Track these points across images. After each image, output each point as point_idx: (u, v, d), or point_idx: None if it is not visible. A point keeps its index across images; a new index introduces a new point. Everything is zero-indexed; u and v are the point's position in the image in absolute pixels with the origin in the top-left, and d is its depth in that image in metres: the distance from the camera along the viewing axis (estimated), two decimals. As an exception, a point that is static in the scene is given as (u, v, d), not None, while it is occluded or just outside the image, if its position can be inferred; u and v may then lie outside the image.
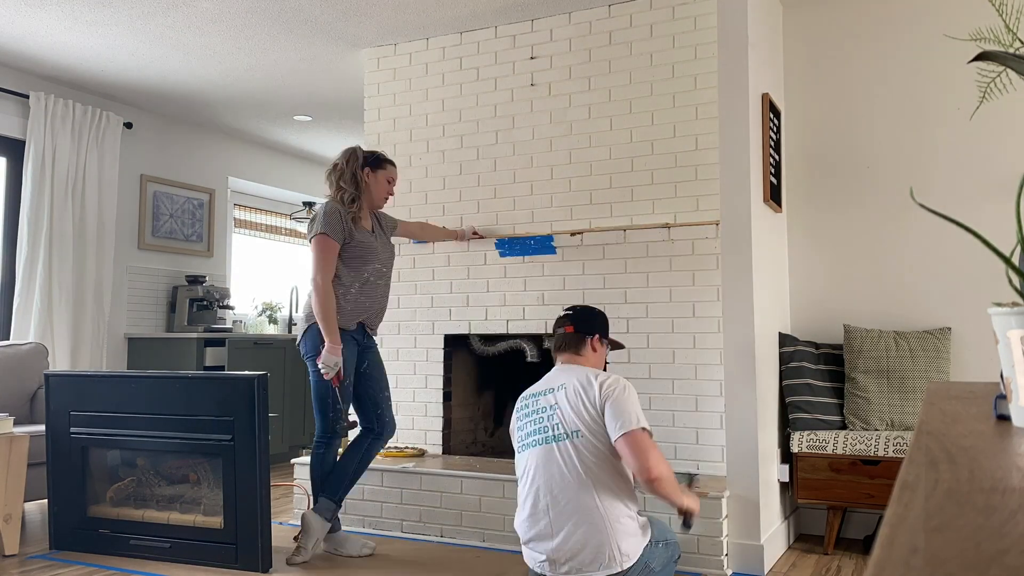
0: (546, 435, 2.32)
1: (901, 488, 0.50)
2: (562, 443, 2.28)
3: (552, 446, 2.29)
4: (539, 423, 2.35)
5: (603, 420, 2.26)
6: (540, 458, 2.31)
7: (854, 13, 3.73)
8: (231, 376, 3.04)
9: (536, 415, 2.37)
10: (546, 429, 2.32)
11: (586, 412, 2.28)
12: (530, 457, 2.34)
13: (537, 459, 2.31)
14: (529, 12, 3.88)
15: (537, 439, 2.33)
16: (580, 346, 2.48)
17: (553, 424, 2.31)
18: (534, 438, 2.35)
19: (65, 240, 4.82)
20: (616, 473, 2.25)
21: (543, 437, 2.32)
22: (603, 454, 2.25)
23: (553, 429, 2.30)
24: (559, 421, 2.30)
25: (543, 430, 2.33)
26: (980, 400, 0.99)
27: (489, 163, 4.01)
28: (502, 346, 3.98)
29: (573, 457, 2.25)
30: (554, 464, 2.27)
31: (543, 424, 2.33)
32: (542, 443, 2.32)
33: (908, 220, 3.59)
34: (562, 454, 2.26)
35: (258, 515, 2.98)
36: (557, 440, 2.29)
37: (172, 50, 4.44)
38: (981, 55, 0.94)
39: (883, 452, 3.13)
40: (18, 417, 4.07)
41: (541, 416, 2.36)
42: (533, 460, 2.33)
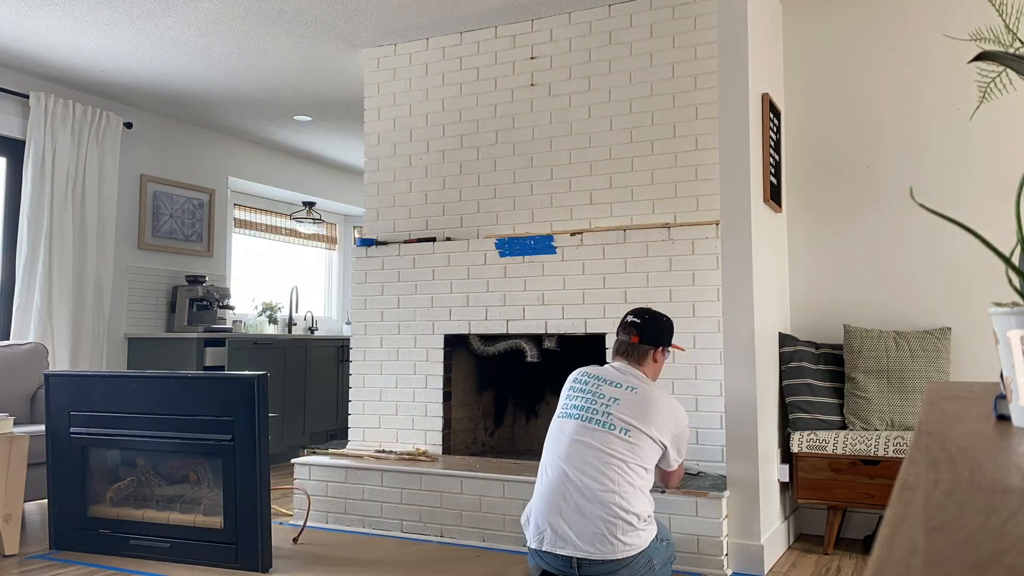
0: (595, 416, 2.34)
1: (901, 488, 0.50)
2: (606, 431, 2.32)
3: (595, 427, 2.33)
4: (593, 403, 2.37)
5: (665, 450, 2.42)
6: (575, 431, 2.35)
7: (854, 13, 3.73)
8: (231, 376, 3.04)
9: (592, 395, 2.40)
10: (596, 411, 2.35)
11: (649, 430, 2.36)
12: (569, 427, 2.37)
13: (573, 430, 2.35)
14: (529, 12, 3.88)
15: (584, 415, 2.36)
16: (642, 357, 2.51)
17: (607, 412, 2.35)
18: (581, 412, 2.37)
19: (65, 240, 4.82)
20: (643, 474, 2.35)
21: (590, 416, 2.35)
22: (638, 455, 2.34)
23: (605, 416, 2.34)
24: (613, 412, 2.35)
25: (594, 411, 2.36)
26: (980, 400, 0.99)
27: (489, 163, 4.01)
28: (502, 346, 3.98)
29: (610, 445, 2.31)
30: (587, 444, 2.31)
31: (596, 406, 2.36)
32: (586, 420, 2.35)
33: (908, 220, 3.59)
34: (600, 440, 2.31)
35: (258, 515, 2.98)
36: (603, 426, 2.32)
37: (172, 50, 4.44)
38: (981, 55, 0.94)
39: (883, 452, 3.13)
40: (18, 417, 4.07)
41: (597, 399, 2.38)
42: (568, 429, 2.37)
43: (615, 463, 2.28)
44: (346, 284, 7.58)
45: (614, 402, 2.36)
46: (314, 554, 3.26)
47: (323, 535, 3.57)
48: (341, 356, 6.11)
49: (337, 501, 3.72)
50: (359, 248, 4.23)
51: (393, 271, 4.14)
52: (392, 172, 4.23)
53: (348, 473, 3.71)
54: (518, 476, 3.37)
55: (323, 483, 3.76)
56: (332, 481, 3.74)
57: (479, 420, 4.31)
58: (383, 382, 4.11)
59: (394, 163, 4.24)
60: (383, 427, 4.10)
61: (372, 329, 4.16)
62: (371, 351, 4.15)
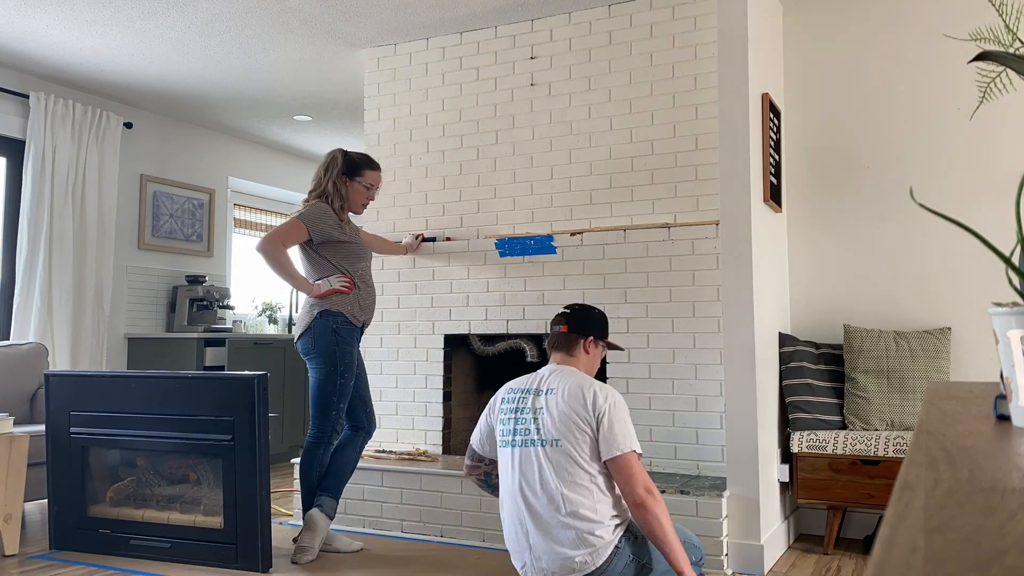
0: (526, 438, 2.29)
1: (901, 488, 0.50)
2: (539, 449, 2.25)
3: (530, 450, 2.27)
4: (521, 423, 2.32)
5: (595, 435, 2.23)
6: (518, 460, 2.29)
7: (854, 13, 3.73)
8: (231, 376, 3.04)
9: (518, 414, 2.34)
10: (527, 431, 2.29)
11: (573, 423, 2.24)
12: (510, 456, 2.32)
13: (516, 460, 2.30)
14: (529, 12, 3.88)
15: (517, 440, 2.31)
16: (572, 347, 2.44)
17: (536, 428, 2.28)
18: (513, 438, 2.32)
19: (65, 240, 4.82)
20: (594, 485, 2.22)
21: (523, 439, 2.30)
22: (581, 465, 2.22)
23: (535, 433, 2.27)
24: (540, 426, 2.27)
25: (524, 432, 2.30)
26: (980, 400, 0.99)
27: (489, 163, 4.01)
28: (502, 346, 3.98)
29: (548, 465, 2.23)
30: (530, 469, 2.26)
31: (524, 426, 2.31)
32: (520, 445, 2.30)
33: (908, 220, 3.59)
34: (538, 460, 2.24)
35: (258, 515, 2.98)
36: (534, 445, 2.26)
37: (172, 50, 4.44)
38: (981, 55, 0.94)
39: (883, 452, 3.13)
40: (18, 417, 4.07)
41: (524, 417, 2.32)
42: (512, 461, 2.32)
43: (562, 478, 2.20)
44: (346, 284, 7.57)
45: (540, 413, 2.29)
46: (314, 554, 3.25)
47: (323, 535, 3.57)
48: (341, 356, 6.10)
49: (337, 501, 3.72)
50: (359, 248, 4.22)
51: (393, 271, 4.14)
52: (392, 172, 4.23)
53: (348, 473, 3.71)
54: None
55: (323, 483, 3.75)
56: (332, 481, 3.73)
57: (479, 420, 4.31)
58: (383, 382, 4.11)
59: (394, 163, 4.24)
60: (383, 427, 4.10)
61: (372, 329, 4.16)
62: (371, 351, 4.15)
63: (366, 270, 3.38)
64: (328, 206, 3.28)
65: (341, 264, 3.28)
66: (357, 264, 3.33)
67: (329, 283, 3.24)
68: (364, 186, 3.36)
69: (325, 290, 3.22)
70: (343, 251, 3.29)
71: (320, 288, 3.23)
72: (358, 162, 3.36)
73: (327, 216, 3.25)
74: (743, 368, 3.12)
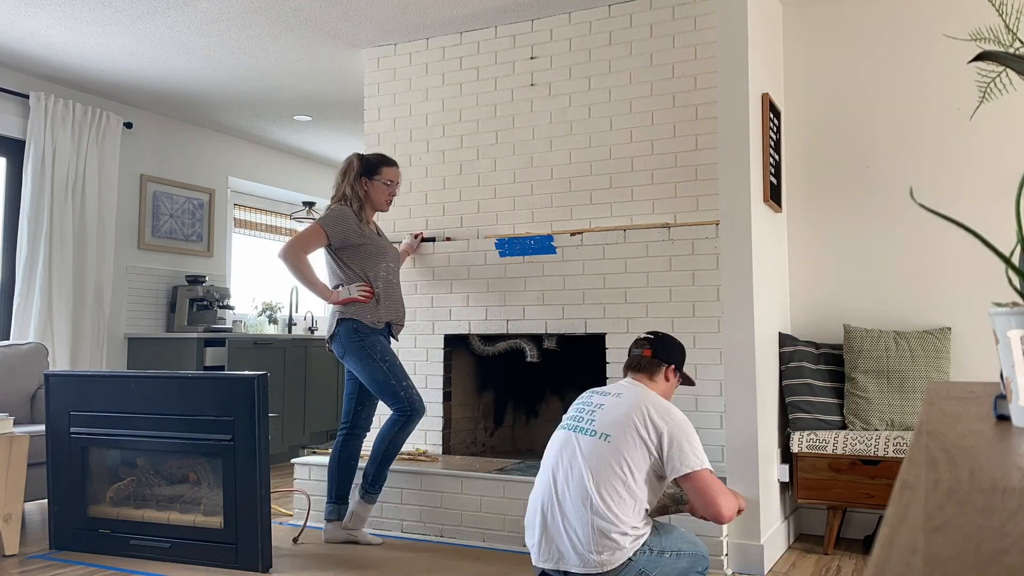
0: (579, 424, 2.35)
1: (901, 488, 0.50)
2: (586, 437, 2.29)
3: (577, 436, 2.32)
4: (581, 412, 2.39)
5: (656, 452, 2.25)
6: (563, 441, 2.35)
7: (854, 13, 3.73)
8: (231, 376, 3.04)
9: (584, 406, 2.41)
10: (581, 419, 2.36)
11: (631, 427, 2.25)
12: (558, 438, 2.38)
13: (560, 442, 2.36)
14: (529, 12, 3.88)
15: (571, 424, 2.38)
16: (654, 372, 2.47)
17: (590, 419, 2.33)
18: (569, 423, 2.39)
19: (65, 240, 4.82)
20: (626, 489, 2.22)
21: (575, 425, 2.36)
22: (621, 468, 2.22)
23: (588, 423, 2.33)
24: (596, 418, 2.32)
25: (579, 419, 2.37)
26: (980, 400, 0.99)
27: (489, 163, 4.01)
28: (502, 346, 3.98)
29: (586, 455, 2.26)
30: (569, 452, 2.30)
31: (583, 415, 2.37)
32: (571, 429, 2.35)
33: (908, 220, 3.59)
34: (580, 447, 2.29)
35: (258, 515, 2.98)
36: (583, 432, 2.31)
37: (172, 50, 4.44)
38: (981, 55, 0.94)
39: (883, 452, 3.13)
40: (18, 417, 4.07)
41: (586, 408, 2.39)
42: (557, 441, 2.38)
43: (595, 469, 2.22)
44: (346, 284, 7.57)
45: (599, 408, 2.34)
46: (314, 554, 3.26)
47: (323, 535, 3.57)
48: (341, 356, 6.10)
49: (337, 501, 3.72)
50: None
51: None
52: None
53: (348, 473, 3.71)
54: (518, 476, 3.37)
55: (323, 483, 3.75)
56: (332, 481, 3.73)
57: (479, 420, 4.31)
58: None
59: (394, 163, 4.23)
60: (383, 427, 4.09)
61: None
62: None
63: (390, 270, 3.44)
64: (348, 208, 3.37)
65: (362, 267, 3.36)
66: (378, 264, 3.39)
67: (348, 291, 3.32)
68: (384, 183, 3.46)
69: (343, 298, 3.31)
70: (363, 253, 3.37)
71: (339, 295, 3.32)
72: (374, 162, 3.47)
73: (346, 218, 3.34)
74: (743, 368, 3.12)
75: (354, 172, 3.43)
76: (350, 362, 3.35)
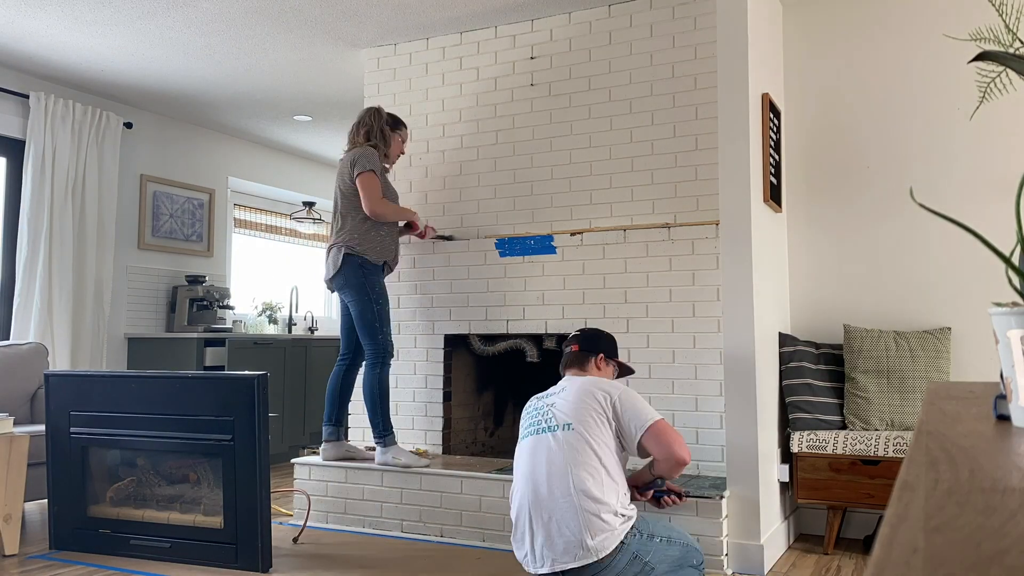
0: (539, 427, 2.45)
1: (901, 488, 0.50)
2: (552, 434, 2.39)
3: (544, 436, 2.41)
4: (535, 419, 2.49)
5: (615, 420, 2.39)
6: (530, 446, 2.44)
7: (854, 13, 3.73)
8: (231, 376, 3.04)
9: (535, 413, 2.52)
10: (540, 423, 2.46)
11: (585, 408, 2.39)
12: (525, 447, 2.47)
13: (528, 449, 2.45)
14: (529, 12, 3.88)
15: (531, 430, 2.48)
16: (584, 363, 2.64)
17: (547, 418, 2.45)
18: (528, 431, 2.49)
19: (65, 240, 4.82)
20: (603, 469, 2.32)
21: (536, 429, 2.46)
22: (592, 447, 2.34)
23: (547, 423, 2.44)
24: (552, 415, 2.44)
25: (537, 423, 2.47)
26: (980, 400, 0.99)
27: (489, 163, 4.01)
28: (502, 346, 3.98)
29: (559, 447, 2.35)
30: (541, 453, 2.39)
31: (538, 419, 2.48)
32: (535, 433, 2.46)
33: (908, 220, 3.59)
34: (550, 444, 2.38)
35: (258, 515, 2.98)
36: (549, 431, 2.41)
37: (172, 50, 4.44)
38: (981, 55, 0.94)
39: (883, 452, 3.13)
40: (18, 417, 4.07)
41: (538, 414, 2.50)
42: (525, 449, 2.47)
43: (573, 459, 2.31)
44: (346, 284, 7.57)
45: (552, 407, 2.46)
46: (314, 554, 3.26)
47: (323, 535, 3.57)
48: (341, 356, 6.10)
49: (337, 501, 3.72)
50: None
51: (393, 271, 4.14)
52: (392, 172, 4.23)
53: (348, 473, 3.71)
54: (518, 476, 3.37)
55: (323, 483, 3.76)
56: (332, 481, 3.74)
57: (479, 420, 4.31)
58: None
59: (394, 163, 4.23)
60: (383, 427, 4.09)
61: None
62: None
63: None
64: (375, 149, 3.63)
65: None
66: None
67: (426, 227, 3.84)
68: (401, 139, 3.80)
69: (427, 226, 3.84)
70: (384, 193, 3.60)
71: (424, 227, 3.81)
72: (397, 118, 3.81)
73: (377, 156, 3.60)
74: (743, 368, 3.12)
75: (383, 119, 3.69)
76: (347, 294, 3.57)
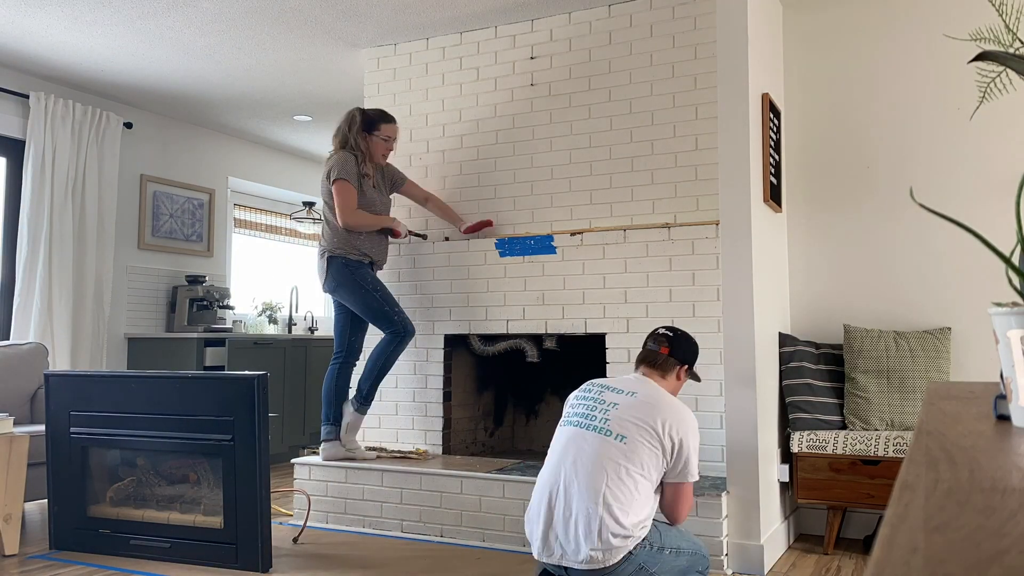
0: (592, 423, 2.34)
1: (901, 488, 0.50)
2: (602, 437, 2.29)
3: (592, 434, 2.31)
4: (592, 409, 2.38)
5: (667, 456, 2.29)
6: (571, 437, 2.34)
7: (854, 13, 3.73)
8: (231, 376, 3.04)
9: (594, 402, 2.40)
10: (594, 418, 2.35)
11: (644, 430, 2.28)
12: (566, 433, 2.38)
13: (568, 438, 2.35)
14: (529, 12, 3.88)
15: (582, 422, 2.36)
16: (667, 370, 2.49)
17: (605, 418, 2.33)
18: (579, 419, 2.38)
19: (65, 240, 4.82)
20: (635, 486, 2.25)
21: (588, 424, 2.35)
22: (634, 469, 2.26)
23: (602, 422, 2.32)
24: (611, 417, 2.32)
25: (591, 417, 2.35)
26: (980, 400, 0.99)
27: (489, 163, 4.01)
28: (502, 346, 3.98)
29: (604, 455, 2.26)
30: (586, 451, 2.29)
31: (595, 412, 2.36)
32: (584, 427, 2.35)
33: (908, 220, 3.59)
34: (596, 446, 2.28)
35: (258, 515, 2.98)
36: (598, 432, 2.31)
37: (172, 50, 4.44)
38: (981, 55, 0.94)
39: (883, 452, 3.13)
40: (18, 417, 4.07)
41: (597, 405, 2.38)
42: (564, 436, 2.37)
43: (608, 470, 2.23)
44: (346, 284, 7.57)
45: (613, 407, 2.34)
46: (314, 554, 3.26)
47: (323, 535, 3.57)
48: (341, 356, 6.10)
49: (337, 501, 3.72)
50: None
51: (393, 271, 4.15)
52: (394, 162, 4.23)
53: (348, 473, 3.71)
54: (518, 476, 3.37)
55: (323, 483, 3.76)
56: (332, 481, 3.74)
57: (479, 420, 4.31)
58: (383, 382, 4.11)
59: (394, 163, 4.23)
60: (383, 427, 4.10)
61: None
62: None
63: None
64: (351, 155, 3.65)
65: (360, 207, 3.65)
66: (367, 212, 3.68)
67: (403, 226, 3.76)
68: (382, 139, 3.73)
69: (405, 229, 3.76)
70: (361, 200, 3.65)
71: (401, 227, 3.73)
72: (374, 118, 3.73)
73: (352, 163, 3.62)
74: (743, 368, 3.12)
75: (357, 126, 3.68)
76: (343, 294, 3.63)
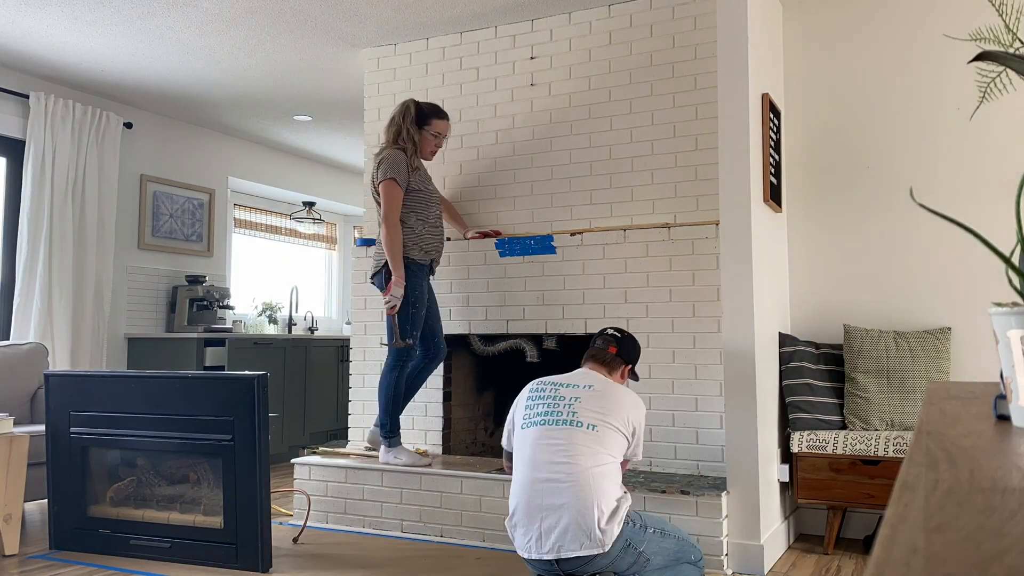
0: (559, 417, 2.41)
1: (901, 488, 0.50)
2: (572, 428, 2.38)
3: (562, 429, 2.39)
4: (554, 406, 2.45)
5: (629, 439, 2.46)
6: (544, 435, 2.40)
7: (854, 13, 3.73)
8: (231, 376, 3.04)
9: (553, 399, 2.47)
10: (559, 412, 2.42)
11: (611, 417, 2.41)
12: (533, 434, 2.43)
13: (540, 435, 2.41)
14: (529, 12, 3.88)
15: (547, 419, 2.43)
16: (613, 368, 2.64)
17: (572, 410, 2.42)
18: (543, 418, 2.44)
19: (65, 240, 4.82)
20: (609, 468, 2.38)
21: (554, 419, 2.42)
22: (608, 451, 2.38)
23: (569, 415, 2.41)
24: (578, 410, 2.42)
25: (556, 412, 2.43)
26: (980, 400, 0.99)
27: (489, 163, 4.01)
28: (502, 346, 3.98)
29: (581, 443, 2.35)
30: (559, 442, 2.37)
31: (558, 407, 2.44)
32: (549, 424, 2.41)
33: (908, 220, 3.59)
34: (571, 439, 2.36)
35: (258, 515, 2.98)
36: (569, 424, 2.39)
37: (172, 50, 4.44)
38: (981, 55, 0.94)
39: (883, 452, 3.13)
40: (18, 417, 4.07)
41: (559, 401, 2.46)
42: (535, 436, 2.42)
43: (582, 456, 2.33)
44: (346, 284, 7.58)
45: (576, 401, 2.44)
46: (314, 554, 3.26)
47: (323, 535, 3.57)
48: (341, 356, 6.11)
49: (337, 501, 3.72)
50: (359, 248, 4.23)
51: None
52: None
53: (348, 473, 3.71)
54: (518, 476, 3.37)
55: (323, 483, 3.76)
56: (332, 481, 3.74)
57: (479, 420, 4.31)
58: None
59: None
60: (383, 427, 4.09)
61: (372, 329, 4.16)
62: (371, 351, 4.15)
63: (436, 215, 3.62)
64: (402, 152, 3.52)
65: (412, 208, 3.51)
66: (427, 210, 3.57)
67: (393, 296, 3.44)
68: (432, 135, 3.61)
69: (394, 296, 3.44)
70: (413, 198, 3.53)
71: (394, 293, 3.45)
72: (427, 112, 3.61)
73: (402, 161, 3.50)
74: (743, 368, 3.12)
75: (411, 117, 3.57)
76: None
